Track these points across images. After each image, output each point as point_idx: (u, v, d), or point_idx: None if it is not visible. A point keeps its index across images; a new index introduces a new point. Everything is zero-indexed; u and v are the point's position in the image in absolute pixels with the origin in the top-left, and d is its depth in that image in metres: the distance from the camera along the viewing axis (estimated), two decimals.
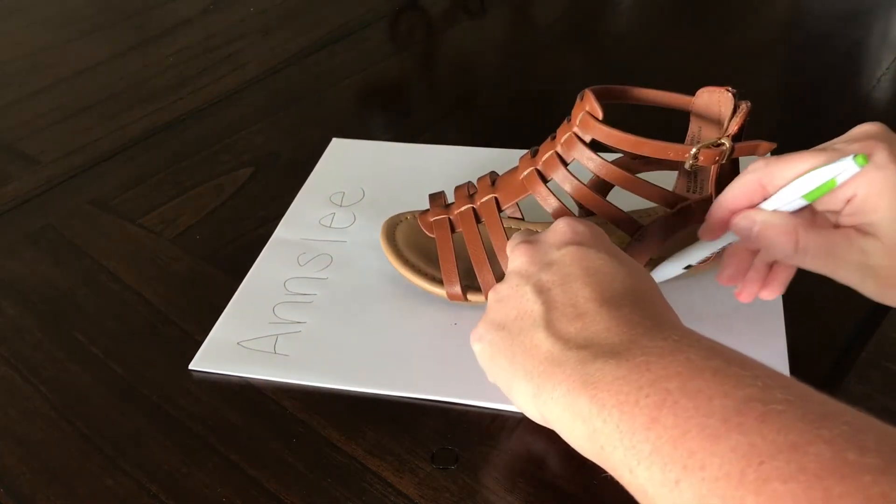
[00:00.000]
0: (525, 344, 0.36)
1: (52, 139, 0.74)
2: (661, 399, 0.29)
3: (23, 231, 0.63)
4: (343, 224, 0.60)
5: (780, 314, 0.49)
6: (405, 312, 0.52)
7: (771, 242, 0.40)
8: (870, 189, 0.38)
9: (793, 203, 0.40)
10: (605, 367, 0.32)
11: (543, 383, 0.34)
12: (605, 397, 0.31)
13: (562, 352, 0.34)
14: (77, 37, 0.94)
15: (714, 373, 0.30)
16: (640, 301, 0.36)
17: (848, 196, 0.39)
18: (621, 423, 0.30)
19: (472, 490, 0.41)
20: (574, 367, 0.33)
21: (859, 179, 0.38)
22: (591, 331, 0.35)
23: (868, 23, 0.84)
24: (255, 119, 0.75)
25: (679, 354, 0.31)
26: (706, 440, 0.27)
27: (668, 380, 0.30)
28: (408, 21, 0.95)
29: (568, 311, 0.36)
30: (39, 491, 0.43)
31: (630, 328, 0.34)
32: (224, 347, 0.50)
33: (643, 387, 0.30)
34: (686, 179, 0.53)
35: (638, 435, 0.29)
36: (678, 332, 0.33)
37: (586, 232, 0.40)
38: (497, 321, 0.39)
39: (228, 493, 0.42)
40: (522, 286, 0.39)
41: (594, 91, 0.46)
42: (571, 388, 0.33)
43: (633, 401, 0.30)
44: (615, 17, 0.93)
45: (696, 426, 0.28)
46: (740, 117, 0.45)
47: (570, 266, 0.38)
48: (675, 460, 0.28)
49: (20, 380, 0.50)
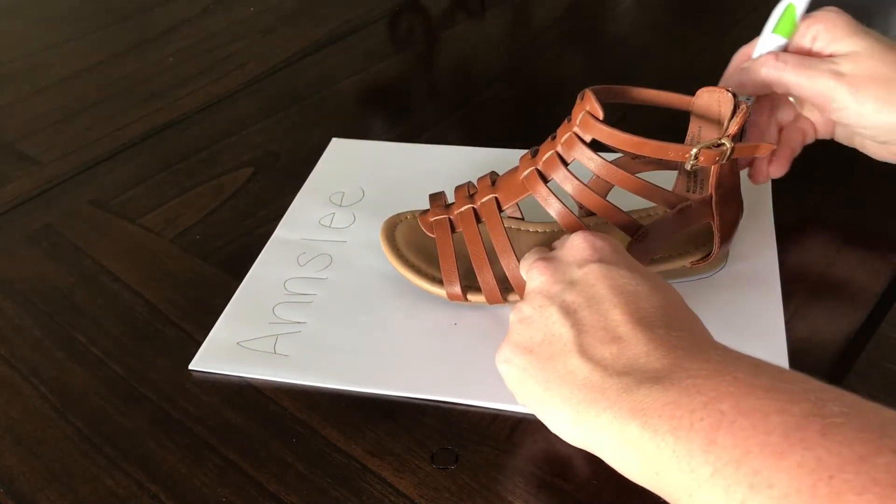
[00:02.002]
0: (559, 370, 0.36)
1: (52, 139, 0.74)
2: (715, 421, 0.29)
3: (23, 231, 0.63)
4: (343, 224, 0.60)
5: (780, 314, 0.49)
6: (405, 312, 0.52)
7: (758, 71, 0.49)
8: (826, 22, 0.48)
9: (770, 42, 0.50)
10: (652, 392, 0.32)
11: (585, 410, 0.34)
12: (656, 423, 0.31)
13: (602, 378, 0.34)
14: (77, 37, 0.94)
15: (765, 390, 0.30)
16: (672, 319, 0.36)
17: (813, 34, 0.49)
18: (677, 449, 0.30)
19: (472, 490, 0.41)
20: (618, 394, 0.33)
21: (818, 18, 0.49)
22: (629, 355, 0.34)
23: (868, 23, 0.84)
24: (255, 119, 0.75)
25: (726, 375, 0.31)
26: (770, 458, 0.27)
27: (720, 401, 0.30)
28: (408, 21, 0.95)
29: (600, 334, 0.36)
30: (39, 491, 0.43)
31: (668, 351, 0.34)
32: (224, 347, 0.50)
33: (695, 410, 0.30)
34: (686, 179, 0.53)
35: (696, 459, 0.29)
36: (718, 352, 0.33)
37: (605, 247, 0.40)
38: (523, 344, 0.38)
39: (228, 493, 0.42)
40: (547, 307, 0.38)
41: (594, 91, 0.46)
42: (618, 416, 0.32)
43: (686, 425, 0.30)
44: (615, 16, 0.93)
45: (756, 445, 0.28)
46: (740, 117, 0.45)
47: (594, 285, 0.38)
48: (739, 481, 0.27)
49: (20, 380, 0.50)
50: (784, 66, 0.48)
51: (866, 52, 0.47)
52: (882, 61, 0.46)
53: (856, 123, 0.48)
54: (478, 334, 0.49)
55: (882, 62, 0.46)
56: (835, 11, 0.49)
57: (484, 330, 0.50)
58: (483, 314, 0.51)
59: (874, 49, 0.47)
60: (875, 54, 0.47)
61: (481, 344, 0.49)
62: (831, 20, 0.48)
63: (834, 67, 0.47)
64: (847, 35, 0.48)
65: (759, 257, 0.53)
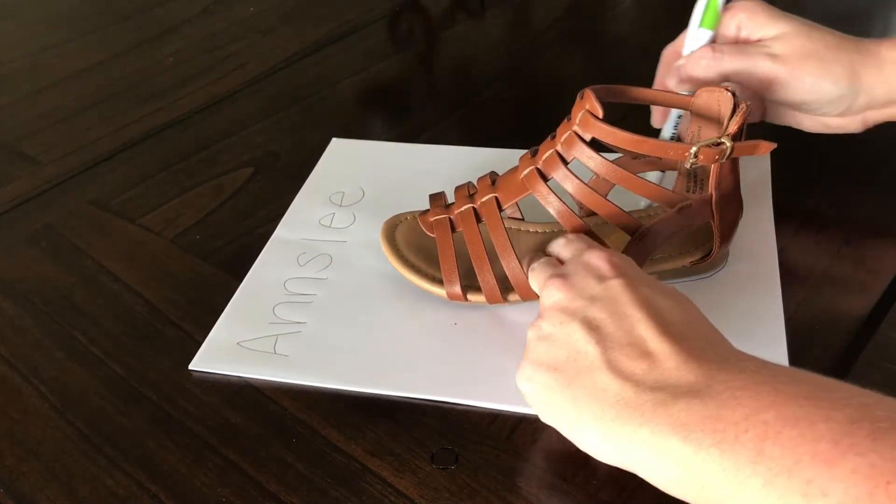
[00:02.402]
0: (587, 387, 0.36)
1: (52, 139, 0.74)
2: (761, 432, 0.29)
3: (23, 231, 0.63)
4: (343, 224, 0.60)
5: (780, 315, 0.49)
6: (405, 312, 0.52)
7: (697, 65, 0.51)
8: (747, 11, 0.51)
9: (698, 37, 0.52)
10: (692, 406, 0.31)
11: (619, 427, 0.34)
12: (699, 437, 0.31)
13: (635, 394, 0.34)
14: (77, 37, 0.94)
15: (806, 398, 0.29)
16: (695, 331, 0.36)
17: (737, 23, 0.51)
18: (723, 462, 0.29)
19: (472, 490, 0.41)
20: (654, 409, 0.33)
21: (738, 7, 0.51)
22: (660, 370, 0.34)
23: (868, 23, 0.84)
24: (255, 119, 0.75)
25: (764, 385, 0.31)
26: (821, 465, 0.27)
27: (763, 411, 0.30)
28: (408, 21, 0.95)
29: (627, 349, 0.36)
30: (39, 491, 0.43)
31: (700, 364, 0.34)
32: (224, 347, 0.50)
33: (738, 422, 0.30)
34: (686, 179, 0.53)
35: (745, 471, 0.29)
36: (751, 363, 0.33)
37: (621, 263, 0.40)
38: (546, 361, 0.38)
39: (228, 493, 0.42)
40: (568, 323, 0.38)
41: (594, 90, 0.46)
42: (657, 431, 0.32)
43: (731, 438, 0.30)
44: (615, 16, 0.93)
45: (807, 453, 0.27)
46: (740, 116, 0.45)
47: (617, 301, 0.38)
48: (792, 490, 0.27)
49: (20, 380, 0.50)
50: (722, 56, 0.50)
51: (792, 33, 0.50)
52: (808, 38, 0.50)
53: (796, 99, 0.51)
54: (478, 334, 0.49)
55: (809, 39, 0.50)
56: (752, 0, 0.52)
57: (484, 330, 0.50)
58: (483, 314, 0.51)
59: (798, 29, 0.50)
60: (801, 33, 0.50)
61: (481, 344, 0.49)
62: (750, 8, 0.52)
63: (767, 50, 0.50)
64: (770, 19, 0.51)
65: (759, 257, 0.53)
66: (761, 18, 0.51)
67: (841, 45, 0.50)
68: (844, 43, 0.51)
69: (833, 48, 0.50)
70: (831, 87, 0.50)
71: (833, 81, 0.50)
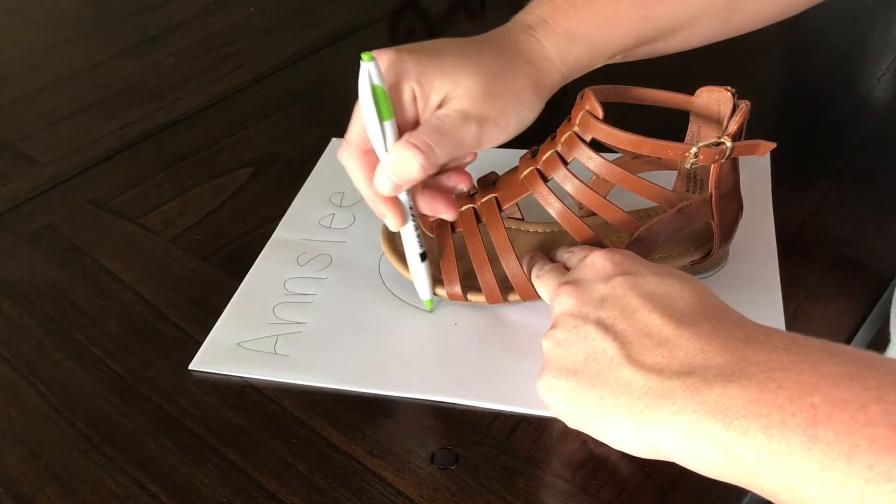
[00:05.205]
0: (611, 384, 0.36)
1: (52, 139, 0.74)
2: (810, 416, 0.29)
3: (23, 231, 0.63)
4: (343, 224, 0.60)
5: (780, 314, 0.49)
6: (405, 312, 0.52)
7: (403, 165, 0.43)
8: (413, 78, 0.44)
9: (382, 132, 0.43)
10: (728, 390, 0.31)
11: (652, 417, 0.34)
12: (742, 423, 0.30)
13: (661, 383, 0.34)
14: (77, 37, 0.94)
15: (850, 378, 0.29)
16: (712, 311, 0.36)
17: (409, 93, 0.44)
18: (772, 447, 0.29)
19: (472, 490, 0.41)
20: (687, 395, 0.32)
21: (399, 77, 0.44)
22: (682, 354, 0.34)
23: (868, 23, 0.84)
24: (255, 119, 0.75)
25: (801, 364, 0.30)
26: (882, 450, 0.27)
27: (809, 395, 0.29)
28: (408, 21, 0.95)
29: (644, 341, 0.36)
30: (39, 491, 0.43)
31: (724, 344, 0.33)
32: (224, 348, 0.50)
33: (784, 406, 0.29)
34: (686, 179, 0.53)
35: (798, 455, 0.28)
36: (780, 339, 0.33)
37: (624, 260, 0.40)
38: (565, 367, 0.38)
39: (228, 493, 0.42)
40: (581, 327, 0.38)
41: (594, 90, 0.46)
42: (694, 417, 0.32)
43: (778, 422, 0.29)
44: None
45: (864, 438, 0.27)
46: (740, 116, 0.45)
47: (624, 296, 0.38)
48: (854, 476, 0.27)
49: (20, 380, 0.50)
50: (430, 147, 0.43)
51: (466, 79, 0.44)
52: (481, 76, 0.44)
53: (506, 137, 0.46)
54: (478, 334, 0.49)
55: (482, 77, 0.44)
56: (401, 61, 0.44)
57: (484, 330, 0.50)
58: (483, 314, 0.51)
59: (466, 69, 0.44)
60: (472, 74, 0.44)
61: (481, 344, 0.49)
62: (415, 73, 0.44)
63: (459, 115, 0.44)
64: (439, 73, 0.44)
65: (759, 257, 0.53)
66: (429, 75, 0.44)
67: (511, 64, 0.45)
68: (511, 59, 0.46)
69: (507, 74, 0.45)
70: (528, 112, 0.46)
71: (529, 108, 0.46)
